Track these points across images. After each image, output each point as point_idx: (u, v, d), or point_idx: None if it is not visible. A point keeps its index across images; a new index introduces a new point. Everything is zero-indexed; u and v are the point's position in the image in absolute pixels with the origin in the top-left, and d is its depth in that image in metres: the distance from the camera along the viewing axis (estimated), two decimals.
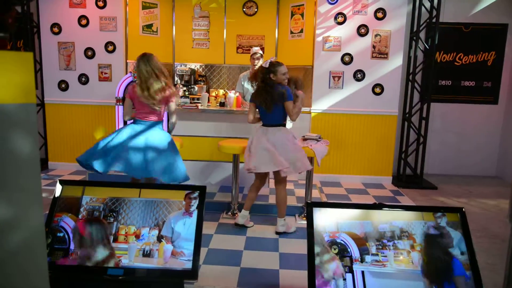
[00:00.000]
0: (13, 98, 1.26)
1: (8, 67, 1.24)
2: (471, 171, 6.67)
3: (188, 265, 2.30)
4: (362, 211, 2.38)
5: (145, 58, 3.66)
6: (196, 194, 2.49)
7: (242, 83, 5.49)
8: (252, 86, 5.11)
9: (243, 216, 4.08)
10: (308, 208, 2.34)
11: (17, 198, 1.29)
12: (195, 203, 2.45)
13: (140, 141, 3.56)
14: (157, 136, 3.64)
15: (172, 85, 3.76)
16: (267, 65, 3.76)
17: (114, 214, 2.44)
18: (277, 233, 3.95)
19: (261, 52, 5.32)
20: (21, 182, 1.29)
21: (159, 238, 2.37)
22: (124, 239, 2.37)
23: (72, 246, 2.34)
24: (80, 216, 2.43)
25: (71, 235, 2.37)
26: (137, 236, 2.37)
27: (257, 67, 5.25)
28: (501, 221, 4.52)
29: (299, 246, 3.66)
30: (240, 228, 4.08)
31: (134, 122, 3.73)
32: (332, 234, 2.26)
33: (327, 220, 2.31)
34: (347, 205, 2.41)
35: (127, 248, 2.34)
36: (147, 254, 2.32)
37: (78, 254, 2.32)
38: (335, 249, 2.22)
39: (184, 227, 2.40)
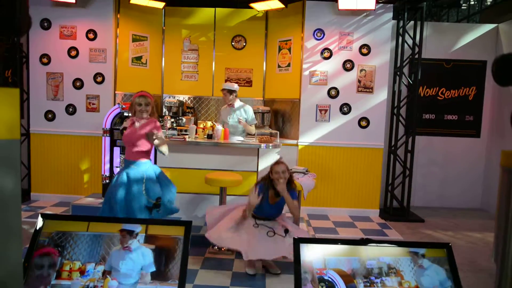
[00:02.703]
0: None
1: None
2: (456, 203, 6.73)
3: None
4: (349, 246, 2.36)
5: None
6: (131, 230, 2.42)
7: (222, 115, 5.61)
8: (224, 122, 5.37)
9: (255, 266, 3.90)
10: (295, 244, 2.32)
11: None
12: (132, 241, 2.38)
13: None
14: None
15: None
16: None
17: (59, 249, 2.37)
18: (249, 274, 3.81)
19: (229, 88, 5.34)
20: (1, 220, 1.26)
21: (104, 274, 2.29)
22: (68, 275, 2.28)
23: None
24: (32, 253, 2.35)
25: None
26: (82, 272, 2.28)
27: (227, 103, 5.44)
28: (488, 255, 4.53)
29: (287, 282, 3.59)
30: (228, 264, 4.00)
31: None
32: (319, 271, 2.23)
33: (314, 256, 2.28)
34: (335, 241, 2.39)
35: (70, 285, 2.25)
36: None
37: None
38: (322, 287, 2.19)
39: (123, 262, 2.32)
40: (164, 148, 3.65)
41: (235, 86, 5.40)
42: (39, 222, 2.54)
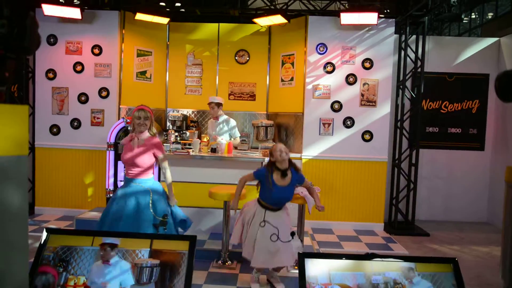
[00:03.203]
0: (6, 150, 1.26)
1: (3, 120, 1.25)
2: (461, 217, 6.67)
3: None
4: (354, 261, 2.35)
5: None
6: (114, 243, 2.41)
7: (209, 128, 5.84)
8: (210, 135, 5.58)
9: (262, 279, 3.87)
10: (300, 259, 2.31)
11: (3, 251, 1.25)
12: (113, 255, 2.37)
13: None
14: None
15: None
16: None
17: (64, 264, 2.36)
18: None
19: (217, 101, 5.57)
20: (8, 235, 1.27)
21: None
22: None
23: None
24: (37, 267, 2.35)
25: None
26: (87, 287, 2.28)
27: (213, 116, 5.65)
28: (494, 269, 4.47)
29: None
30: (232, 279, 3.97)
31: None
32: (324, 286, 2.21)
33: (319, 271, 2.27)
34: (340, 256, 2.38)
35: None
36: None
37: None
38: None
39: (103, 276, 2.32)
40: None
41: (222, 99, 5.66)
42: (44, 236, 2.55)
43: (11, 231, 1.26)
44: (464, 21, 12.34)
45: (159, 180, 4.73)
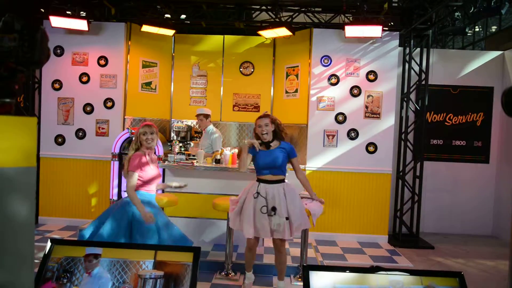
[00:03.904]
0: (15, 161, 1.27)
1: (12, 132, 1.27)
2: (466, 230, 6.62)
3: None
4: (359, 274, 2.33)
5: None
6: (98, 253, 2.41)
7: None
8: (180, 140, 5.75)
9: (249, 278, 3.86)
10: (304, 272, 2.29)
11: (9, 263, 1.26)
12: (96, 265, 2.36)
13: None
14: None
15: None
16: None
17: (68, 275, 2.35)
18: None
19: (206, 112, 5.66)
20: (15, 247, 1.27)
21: None
22: None
23: None
24: (41, 279, 2.34)
25: None
26: None
27: (202, 127, 5.73)
28: (500, 284, 4.42)
29: None
30: None
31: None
32: None
33: (323, 284, 2.25)
34: (344, 268, 2.36)
35: None
36: None
37: None
38: None
39: (86, 286, 2.31)
40: (175, 183, 3.71)
41: (210, 110, 5.77)
42: (48, 247, 2.55)
43: (18, 242, 1.27)
44: (468, 34, 12.38)
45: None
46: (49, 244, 2.62)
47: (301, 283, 3.96)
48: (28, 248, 1.32)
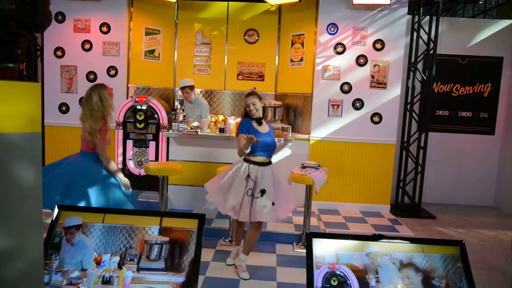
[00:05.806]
0: (19, 127, 1.27)
1: (16, 97, 1.26)
2: (468, 201, 6.67)
3: None
4: (361, 242, 2.36)
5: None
6: (78, 224, 2.44)
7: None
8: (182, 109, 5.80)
9: (238, 250, 3.85)
10: (307, 239, 2.33)
11: (19, 229, 1.28)
12: (74, 234, 2.39)
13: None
14: None
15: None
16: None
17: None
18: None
19: (191, 84, 5.60)
20: (23, 212, 1.29)
21: (120, 265, 2.33)
22: None
23: None
24: (49, 244, 2.40)
25: None
26: (98, 263, 2.33)
27: (188, 99, 5.66)
28: (500, 253, 4.49)
29: (298, 276, 3.61)
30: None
31: None
32: (331, 266, 2.24)
33: (326, 251, 2.29)
34: (346, 236, 2.39)
35: (86, 276, 2.30)
36: (106, 281, 2.27)
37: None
38: (334, 281, 2.20)
39: (67, 254, 2.36)
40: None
41: (193, 81, 5.72)
42: (56, 213, 2.59)
43: (26, 207, 1.29)
44: (479, 2, 12.03)
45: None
46: (56, 210, 2.67)
47: (304, 250, 4.04)
48: (37, 213, 1.34)
